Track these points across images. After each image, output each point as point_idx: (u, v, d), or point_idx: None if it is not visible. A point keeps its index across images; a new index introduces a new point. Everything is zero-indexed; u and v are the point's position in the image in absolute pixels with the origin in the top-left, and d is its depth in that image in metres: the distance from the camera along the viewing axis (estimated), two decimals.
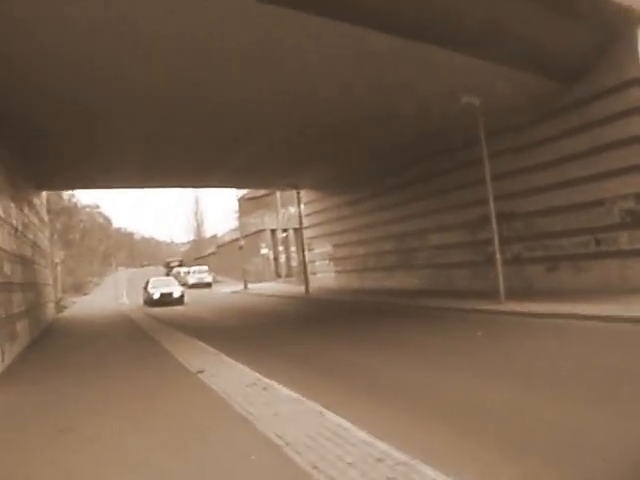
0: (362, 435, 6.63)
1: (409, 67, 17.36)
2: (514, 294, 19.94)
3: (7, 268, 16.20)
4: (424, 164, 29.06)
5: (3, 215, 16.24)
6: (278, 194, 67.32)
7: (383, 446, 6.19)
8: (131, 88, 17.32)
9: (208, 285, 63.89)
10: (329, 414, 7.63)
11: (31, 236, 23.89)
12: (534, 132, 22.15)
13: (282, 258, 66.58)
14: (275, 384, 9.82)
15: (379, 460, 5.76)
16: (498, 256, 20.12)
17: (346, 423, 7.16)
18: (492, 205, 19.92)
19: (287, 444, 6.48)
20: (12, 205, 18.54)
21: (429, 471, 5.39)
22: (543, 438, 6.70)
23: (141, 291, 45.68)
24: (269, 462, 6.03)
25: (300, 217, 42.02)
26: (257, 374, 10.88)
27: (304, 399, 8.56)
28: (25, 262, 20.71)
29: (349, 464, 5.70)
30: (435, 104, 20.83)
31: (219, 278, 72.84)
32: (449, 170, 27.18)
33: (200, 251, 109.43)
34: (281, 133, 24.21)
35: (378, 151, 29.48)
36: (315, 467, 5.70)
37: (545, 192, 21.86)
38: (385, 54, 16.19)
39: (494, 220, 19.96)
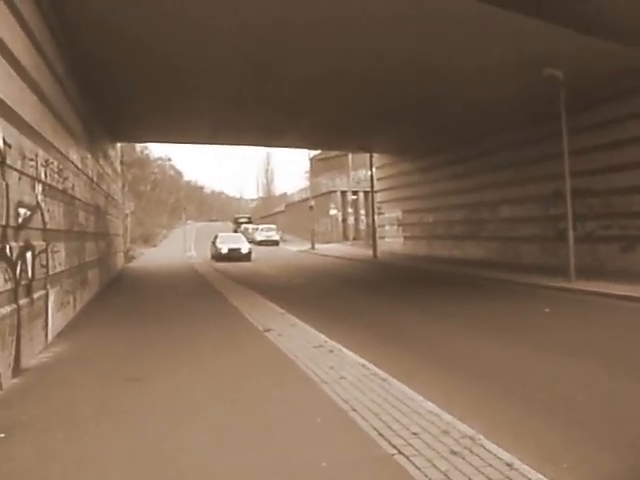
0: (428, 405, 6.63)
1: (495, 35, 16.93)
2: (584, 272, 19.59)
3: (82, 217, 16.54)
4: (500, 135, 28.58)
5: (80, 165, 16.54)
6: (350, 156, 67.19)
7: (448, 418, 6.19)
8: (213, 46, 17.39)
9: (275, 243, 64.35)
10: (394, 382, 7.65)
11: (105, 187, 24.33)
12: (617, 108, 21.50)
13: (350, 220, 66.57)
14: (341, 347, 9.89)
15: (444, 432, 5.75)
16: (571, 232, 19.73)
17: (411, 392, 7.16)
18: (568, 181, 19.50)
19: (353, 409, 6.52)
20: (89, 156, 18.87)
21: (493, 447, 5.36)
22: (610, 421, 6.65)
23: (209, 245, 46.25)
24: (334, 426, 6.08)
25: (372, 180, 41.83)
26: (323, 336, 10.97)
27: (369, 365, 8.59)
28: (98, 212, 21.13)
29: (414, 434, 5.71)
30: (518, 75, 20.31)
31: (286, 237, 73.20)
32: (525, 143, 26.70)
33: (268, 209, 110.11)
34: (357, 96, 24.00)
35: (455, 120, 29.01)
36: (380, 435, 5.72)
37: (625, 170, 21.27)
38: (473, 21, 15.84)
39: (569, 196, 19.56)
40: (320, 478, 4.86)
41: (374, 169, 41.67)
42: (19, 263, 8.88)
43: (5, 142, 8.19)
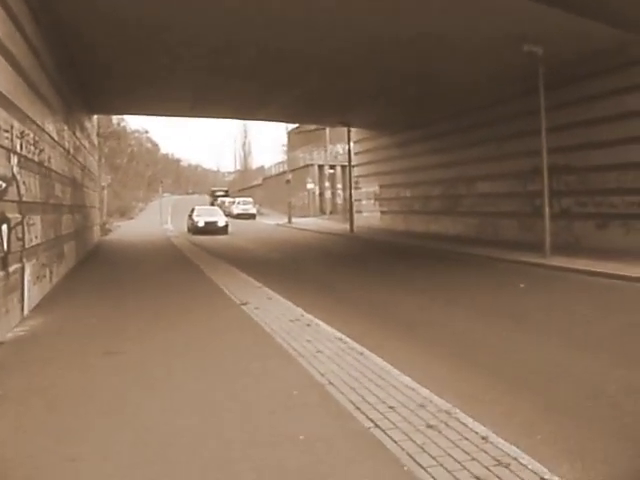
0: (405, 379, 6.67)
1: (476, 11, 16.88)
2: (560, 249, 19.74)
3: (58, 190, 16.39)
4: (480, 111, 28.49)
5: (56, 137, 16.36)
6: (327, 130, 66.95)
7: (425, 392, 6.24)
8: (192, 17, 17.20)
9: (252, 216, 64.15)
10: (372, 356, 7.70)
11: (81, 159, 24.11)
12: (596, 85, 21.47)
13: (328, 194, 66.50)
14: (318, 321, 9.92)
15: (421, 406, 5.80)
16: (547, 209, 19.82)
17: (388, 366, 7.21)
18: (545, 157, 19.56)
19: (330, 383, 6.56)
20: (65, 128, 18.66)
21: (469, 421, 5.42)
22: (575, 393, 6.78)
23: (185, 218, 46.12)
24: (311, 399, 6.11)
25: (349, 155, 41.78)
26: (300, 310, 11.00)
27: (346, 338, 8.64)
28: (75, 185, 20.94)
29: (390, 408, 5.75)
30: (497, 50, 20.33)
31: (263, 210, 73.06)
32: (504, 119, 26.64)
33: (246, 182, 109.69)
34: (337, 71, 23.91)
35: (434, 95, 29.02)
36: (357, 408, 5.76)
37: (603, 148, 21.30)
38: None
39: (546, 172, 19.64)
40: (298, 451, 4.88)
41: (352, 143, 41.55)
42: None
43: None
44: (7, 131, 9.88)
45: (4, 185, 9.50)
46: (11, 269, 9.88)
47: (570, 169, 22.80)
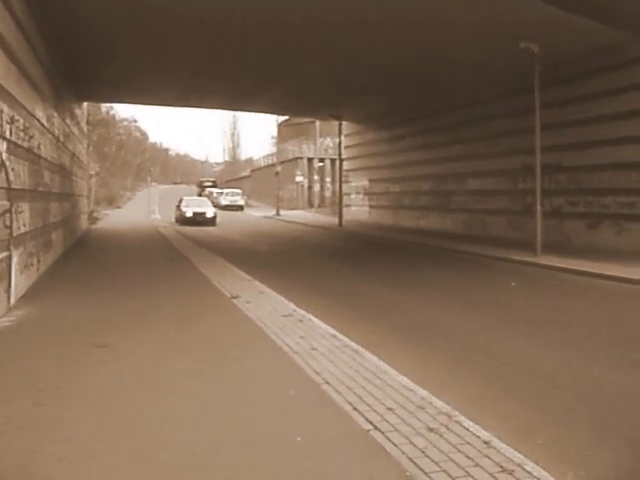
0: (402, 379, 6.55)
1: (471, 5, 16.76)
2: (550, 248, 19.71)
3: (47, 177, 16.18)
4: (471, 108, 28.45)
5: (46, 124, 16.14)
6: (317, 123, 66.79)
7: (423, 393, 6.12)
8: (186, 7, 17.05)
9: (240, 208, 63.86)
10: (367, 354, 7.57)
11: (71, 147, 23.87)
12: (591, 84, 21.44)
13: (316, 188, 66.29)
14: (311, 317, 9.79)
15: (420, 408, 5.68)
16: (539, 207, 19.74)
17: (384, 365, 7.09)
18: (538, 155, 19.47)
19: (325, 382, 6.42)
20: (55, 114, 18.43)
21: (470, 425, 5.30)
22: (568, 394, 6.69)
23: (173, 208, 45.86)
24: (308, 399, 5.98)
25: (340, 148, 41.61)
26: (292, 305, 10.86)
27: (340, 335, 8.50)
28: (64, 172, 20.73)
29: (389, 409, 5.62)
30: (491, 46, 20.26)
31: (251, 202, 72.81)
32: (495, 116, 26.58)
33: (234, 173, 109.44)
34: (328, 64, 23.81)
35: (426, 90, 28.94)
36: (355, 409, 5.62)
37: (596, 147, 21.27)
38: None
39: (538, 171, 19.56)
40: (296, 454, 4.75)
41: (342, 137, 41.39)
42: None
43: None
44: None
45: None
46: None
47: (562, 168, 22.75)
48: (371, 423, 5.30)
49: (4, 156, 10.23)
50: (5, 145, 10.36)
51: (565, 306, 12.53)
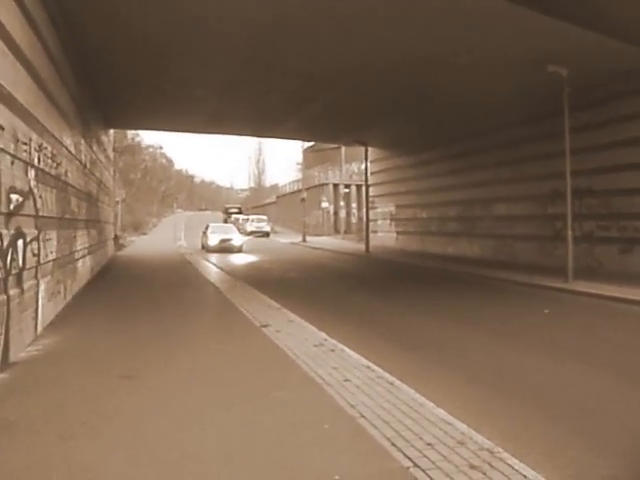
0: (440, 412, 6.30)
1: (497, 30, 16.59)
2: (582, 273, 19.34)
3: (74, 204, 16.16)
4: (498, 132, 28.26)
5: (73, 151, 16.16)
6: (343, 149, 66.93)
7: (463, 427, 5.87)
8: (207, 34, 17.14)
9: (266, 234, 64.03)
10: (402, 386, 7.31)
11: (97, 173, 23.93)
12: (622, 107, 21.15)
13: (342, 214, 66.30)
14: (342, 346, 9.52)
15: (460, 443, 5.42)
16: (570, 232, 19.43)
17: (421, 398, 6.83)
18: (569, 180, 19.18)
19: (361, 415, 6.17)
20: (82, 141, 18.47)
21: (514, 462, 5.04)
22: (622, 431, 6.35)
23: (199, 235, 45.88)
24: (344, 434, 5.73)
25: (366, 174, 41.54)
26: (323, 334, 10.61)
27: (374, 366, 8.24)
28: (90, 199, 20.73)
29: (428, 445, 5.37)
30: (519, 71, 20.05)
31: (277, 228, 72.89)
32: (523, 140, 26.35)
33: (259, 199, 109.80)
34: (355, 90, 23.74)
35: (452, 115, 28.75)
36: (393, 445, 5.38)
37: (626, 171, 20.92)
38: (474, 15, 15.50)
39: (569, 195, 19.26)
40: None
41: (368, 162, 41.33)
42: (10, 251, 8.51)
43: None
44: (25, 144, 9.62)
45: (21, 199, 9.24)
46: (26, 286, 9.59)
47: (593, 192, 22.42)
48: (410, 460, 5.05)
49: (32, 184, 10.17)
50: (33, 173, 10.31)
51: (603, 333, 12.21)
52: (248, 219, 70.23)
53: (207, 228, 43.69)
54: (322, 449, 5.38)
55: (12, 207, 8.65)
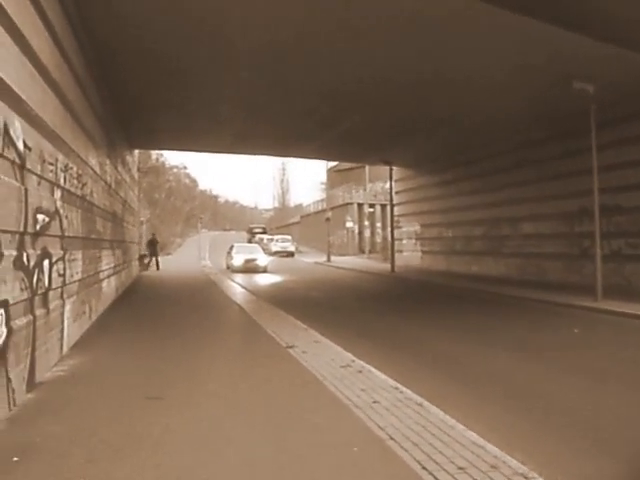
0: (471, 435, 6.16)
1: (521, 48, 16.47)
2: (610, 292, 19.04)
3: (99, 224, 16.21)
4: (523, 150, 28.09)
5: (99, 171, 16.23)
6: (367, 168, 66.87)
7: (495, 450, 5.72)
8: (236, 56, 17.26)
9: (291, 254, 63.96)
10: (432, 408, 7.18)
11: (122, 194, 24.05)
12: None
13: (367, 233, 66.15)
14: (370, 368, 9.41)
15: (493, 467, 5.28)
16: (598, 250, 19.19)
17: (450, 420, 6.70)
18: (596, 197, 18.97)
19: (390, 438, 6.06)
20: (107, 162, 18.57)
21: None
22: None
23: (224, 255, 45.90)
24: (373, 457, 5.62)
25: (391, 193, 41.44)
26: (350, 354, 10.49)
27: (403, 388, 8.12)
28: (115, 219, 20.82)
29: (460, 469, 5.24)
30: (545, 89, 19.91)
31: (301, 248, 72.80)
32: (549, 159, 26.15)
33: (283, 219, 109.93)
34: (379, 109, 23.75)
35: (477, 134, 28.66)
36: (424, 468, 5.26)
37: None
38: (497, 32, 15.43)
39: (597, 213, 19.05)
40: None
41: (392, 182, 41.24)
42: (36, 272, 8.50)
43: (25, 145, 7.83)
44: (52, 164, 9.65)
45: (47, 219, 9.24)
46: (52, 306, 9.58)
47: (621, 209, 22.13)
48: None
49: (58, 204, 10.19)
50: (59, 193, 10.34)
51: (633, 354, 11.96)
52: (272, 239, 70.25)
53: (232, 248, 43.68)
54: (352, 473, 5.27)
55: (38, 227, 8.66)
